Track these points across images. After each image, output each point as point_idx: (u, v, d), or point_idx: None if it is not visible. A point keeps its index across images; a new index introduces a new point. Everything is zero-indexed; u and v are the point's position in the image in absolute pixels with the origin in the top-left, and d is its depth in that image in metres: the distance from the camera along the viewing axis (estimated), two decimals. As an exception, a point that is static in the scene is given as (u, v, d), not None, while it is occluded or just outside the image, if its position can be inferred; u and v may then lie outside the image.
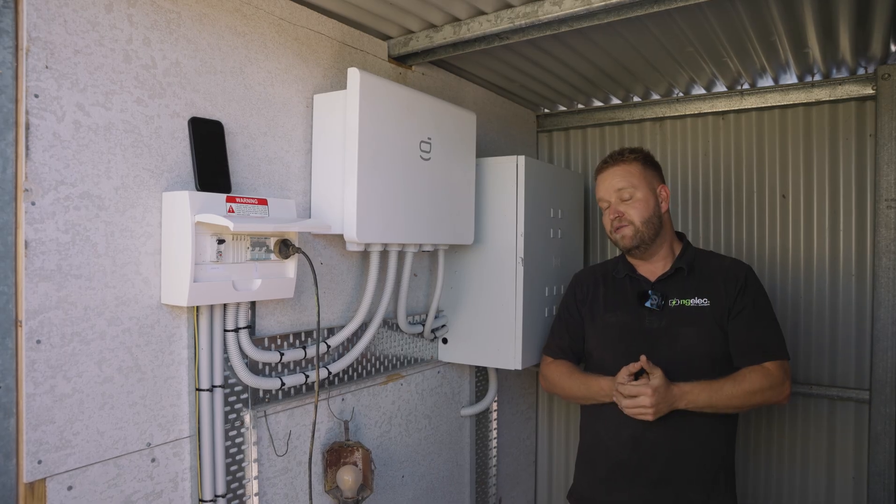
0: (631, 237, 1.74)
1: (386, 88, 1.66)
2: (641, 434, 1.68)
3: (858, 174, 2.34)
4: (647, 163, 1.79)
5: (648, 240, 1.74)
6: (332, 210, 1.64)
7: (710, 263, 1.79)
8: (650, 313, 1.73)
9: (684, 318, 1.70)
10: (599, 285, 1.88)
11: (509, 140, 2.75)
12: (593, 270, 1.97)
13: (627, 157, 1.78)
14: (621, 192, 1.75)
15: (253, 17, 1.55)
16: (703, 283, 1.74)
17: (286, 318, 1.64)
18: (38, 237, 1.14)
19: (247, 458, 1.54)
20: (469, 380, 2.44)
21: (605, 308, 1.83)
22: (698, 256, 1.81)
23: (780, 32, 1.93)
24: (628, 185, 1.74)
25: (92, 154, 1.22)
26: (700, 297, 1.71)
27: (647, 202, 1.74)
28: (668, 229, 1.81)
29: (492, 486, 2.57)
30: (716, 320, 1.69)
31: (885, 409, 2.21)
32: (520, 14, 1.70)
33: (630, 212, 1.74)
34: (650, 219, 1.74)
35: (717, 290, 1.71)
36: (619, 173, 1.77)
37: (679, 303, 1.72)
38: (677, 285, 1.75)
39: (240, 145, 1.52)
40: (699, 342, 1.68)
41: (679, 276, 1.76)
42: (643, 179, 1.76)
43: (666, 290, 1.75)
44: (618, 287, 1.84)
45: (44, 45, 1.14)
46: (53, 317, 1.17)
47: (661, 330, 1.71)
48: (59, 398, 1.18)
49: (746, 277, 1.73)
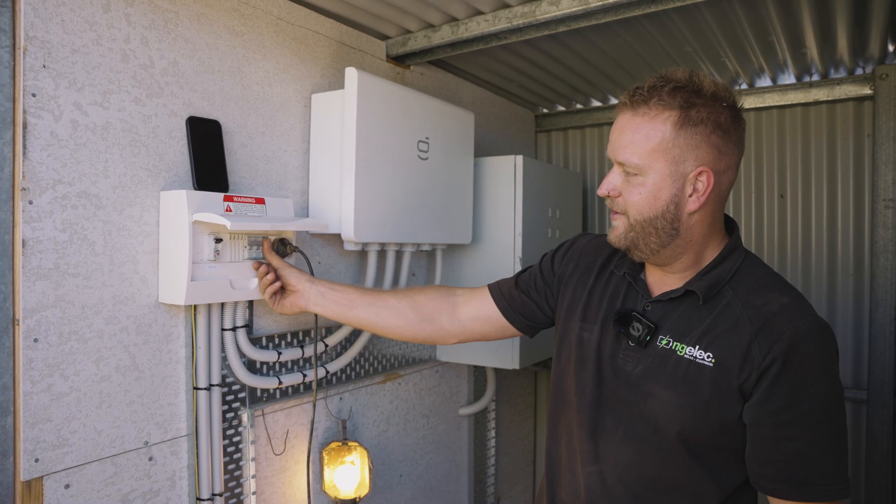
0: (619, 236, 1.10)
1: (384, 88, 1.67)
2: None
3: (856, 174, 2.34)
4: (686, 124, 1.00)
5: (648, 250, 1.08)
6: (329, 209, 1.65)
7: (750, 296, 1.04)
8: (628, 345, 1.11)
9: (668, 374, 1.05)
10: (592, 271, 1.25)
11: (508, 140, 2.75)
12: (598, 250, 1.28)
13: (661, 103, 1.01)
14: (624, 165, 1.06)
15: (251, 17, 1.55)
16: (720, 325, 1.03)
17: (284, 317, 1.65)
18: (36, 236, 1.15)
19: (244, 456, 1.54)
20: (467, 379, 2.44)
21: (584, 312, 1.21)
22: (739, 278, 1.07)
23: (777, 32, 1.93)
24: (634, 159, 1.03)
25: (89, 153, 1.23)
26: (705, 348, 1.03)
27: (658, 194, 1.03)
28: (695, 238, 1.07)
29: (490, 485, 2.57)
30: (717, 395, 1.01)
31: (882, 410, 2.22)
32: (517, 14, 1.70)
33: (628, 198, 1.06)
34: (654, 220, 1.04)
35: (736, 348, 1.00)
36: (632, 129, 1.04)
37: (672, 345, 1.06)
38: (681, 316, 1.08)
39: (237, 145, 1.52)
40: (674, 416, 1.03)
41: (688, 301, 1.08)
42: (667, 154, 1.01)
43: (662, 318, 1.09)
44: (608, 287, 1.21)
45: (41, 44, 1.15)
46: (51, 315, 1.17)
47: (633, 379, 1.09)
48: (56, 397, 1.18)
49: (794, 345, 0.97)
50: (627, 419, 1.10)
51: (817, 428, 0.97)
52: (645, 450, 1.08)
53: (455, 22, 1.82)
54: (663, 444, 1.06)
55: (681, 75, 1.03)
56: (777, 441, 0.98)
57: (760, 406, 0.98)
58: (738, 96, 1.06)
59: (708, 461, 1.05)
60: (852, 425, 2.35)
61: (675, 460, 1.05)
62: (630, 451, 1.09)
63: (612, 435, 1.11)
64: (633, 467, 1.09)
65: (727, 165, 1.05)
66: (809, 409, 0.97)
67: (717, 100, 1.02)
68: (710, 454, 1.05)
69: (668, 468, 1.06)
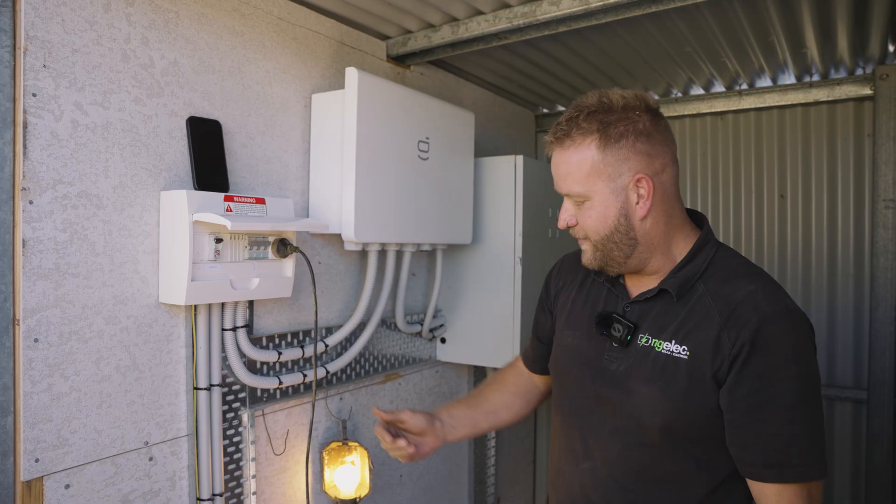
0: (591, 259, 1.15)
1: (384, 88, 1.67)
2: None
3: (856, 174, 2.34)
4: (609, 143, 1.05)
5: (618, 261, 1.13)
6: (330, 209, 1.65)
7: (720, 289, 1.08)
8: (611, 347, 1.15)
9: (648, 369, 1.09)
10: (577, 285, 1.30)
11: (508, 140, 2.75)
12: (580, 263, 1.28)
13: (582, 131, 1.07)
14: (569, 196, 1.13)
15: (251, 17, 1.55)
16: (693, 319, 1.07)
17: (284, 317, 1.65)
18: (36, 236, 1.15)
19: (244, 457, 1.54)
20: (467, 379, 2.44)
21: (570, 319, 1.26)
22: (710, 272, 1.11)
23: (778, 32, 1.93)
24: (577, 187, 1.09)
25: (90, 153, 1.23)
26: (680, 342, 1.06)
27: (606, 212, 1.08)
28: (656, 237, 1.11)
29: (490, 485, 2.57)
30: (692, 385, 1.05)
31: (883, 410, 2.22)
32: (518, 14, 1.70)
33: (584, 222, 1.12)
34: (611, 236, 1.10)
35: (708, 338, 1.04)
36: (565, 161, 1.10)
37: (650, 342, 1.10)
38: (657, 314, 1.12)
39: (238, 145, 1.52)
40: (655, 409, 1.07)
41: (663, 299, 1.12)
42: (602, 174, 1.07)
43: (642, 317, 1.13)
44: (591, 294, 1.25)
45: (41, 44, 1.15)
46: (51, 315, 1.17)
47: (616, 377, 1.13)
48: (56, 397, 1.18)
49: (760, 329, 1.00)
50: (612, 416, 1.14)
51: (789, 411, 0.99)
52: (631, 444, 1.11)
53: (455, 22, 1.82)
54: (647, 437, 1.09)
55: (591, 100, 1.10)
56: (751, 424, 1.01)
57: (733, 391, 1.01)
58: (649, 99, 1.10)
59: (694, 452, 1.08)
60: (853, 425, 2.35)
61: (660, 453, 1.09)
62: (617, 447, 1.13)
63: (599, 432, 1.16)
64: (620, 462, 1.13)
65: (662, 165, 1.09)
66: (780, 392, 0.99)
67: (629, 110, 1.07)
68: (695, 445, 1.07)
69: (655, 461, 1.10)
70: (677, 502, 1.10)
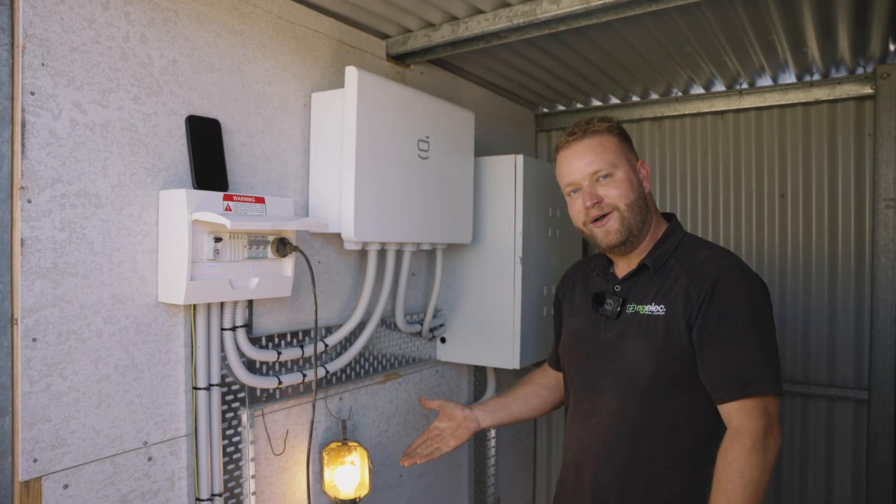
0: (618, 230, 1.37)
1: (384, 87, 1.66)
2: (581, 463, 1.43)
3: (857, 174, 2.34)
4: (622, 135, 1.44)
5: (637, 229, 1.38)
6: (329, 209, 1.64)
7: (688, 258, 1.37)
8: (606, 321, 1.42)
9: (634, 329, 1.36)
10: (578, 282, 1.59)
11: (508, 139, 2.75)
12: (579, 267, 1.67)
13: (598, 127, 1.40)
14: (598, 172, 1.37)
15: (251, 16, 1.54)
16: (666, 283, 1.36)
17: (284, 316, 1.64)
18: (34, 235, 1.14)
19: (244, 457, 1.53)
20: (467, 379, 2.44)
21: (574, 310, 1.55)
22: (680, 249, 1.40)
23: (778, 31, 1.93)
24: (606, 164, 1.36)
25: (88, 152, 1.22)
26: (658, 302, 1.34)
27: (630, 181, 1.38)
28: (653, 214, 1.45)
29: (490, 486, 2.57)
30: (671, 334, 1.30)
31: (883, 409, 2.21)
32: (518, 13, 1.70)
33: (611, 193, 1.36)
34: (636, 202, 1.37)
35: (679, 295, 1.32)
36: (591, 148, 1.38)
37: (635, 309, 1.37)
38: (639, 286, 1.40)
39: (237, 144, 1.52)
40: (644, 362, 1.32)
41: (643, 275, 1.40)
42: (621, 154, 1.39)
43: (628, 292, 1.41)
44: (588, 286, 1.53)
45: (40, 42, 1.14)
46: (49, 315, 1.17)
47: (611, 341, 1.39)
48: (54, 396, 1.18)
49: (722, 275, 1.29)
50: (611, 375, 1.38)
51: (747, 339, 1.25)
52: (626, 395, 1.35)
53: (455, 21, 1.82)
54: (640, 387, 1.33)
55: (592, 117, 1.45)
56: (716, 354, 1.26)
57: (701, 330, 1.28)
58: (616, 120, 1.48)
59: (678, 396, 1.31)
60: (854, 425, 2.35)
61: (650, 400, 1.32)
62: (615, 399, 1.37)
63: (602, 391, 1.39)
64: (619, 414, 1.36)
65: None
66: (737, 325, 1.25)
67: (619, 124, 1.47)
68: (678, 388, 1.31)
69: (646, 408, 1.33)
70: (666, 447, 1.32)
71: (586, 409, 1.42)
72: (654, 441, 1.32)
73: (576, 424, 1.45)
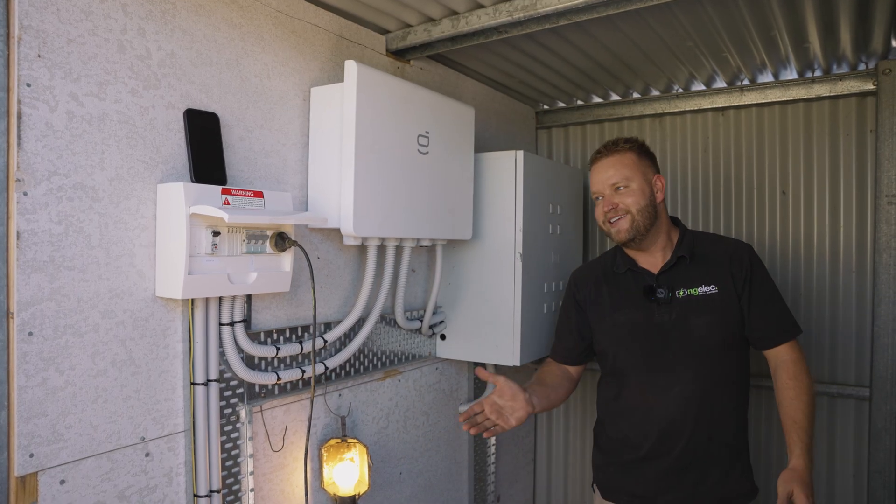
0: (627, 229, 1.69)
1: (383, 81, 1.65)
2: (665, 429, 1.69)
3: (859, 170, 2.33)
4: (641, 152, 1.75)
5: (644, 230, 1.69)
6: (328, 203, 1.63)
7: (712, 248, 1.74)
8: (659, 307, 1.69)
9: (695, 309, 1.67)
10: (601, 283, 1.82)
11: (508, 136, 2.74)
12: (591, 268, 1.91)
13: (621, 147, 1.74)
14: (615, 184, 1.70)
15: (249, 9, 1.53)
16: (708, 269, 1.70)
17: (282, 312, 1.63)
18: (31, 228, 1.13)
19: (242, 453, 1.52)
20: (467, 376, 2.43)
21: (612, 306, 1.77)
22: (697, 241, 1.76)
23: (780, 27, 1.92)
24: (622, 178, 1.70)
25: (85, 144, 1.21)
26: (707, 284, 1.68)
27: (643, 191, 1.69)
28: (664, 219, 1.76)
29: (490, 483, 2.56)
30: (727, 306, 1.67)
31: (885, 407, 2.20)
32: (518, 7, 1.69)
33: (625, 201, 1.69)
34: (645, 208, 1.69)
35: (724, 275, 1.68)
36: (612, 164, 1.72)
37: (687, 293, 1.68)
38: (682, 274, 1.71)
39: (236, 138, 1.51)
40: (713, 332, 1.66)
41: (682, 265, 1.72)
42: (637, 169, 1.71)
43: (672, 281, 1.70)
44: (621, 283, 1.78)
45: (36, 33, 1.13)
46: (46, 309, 1.16)
47: (671, 323, 1.68)
48: (51, 391, 1.17)
49: (751, 259, 1.71)
50: (682, 350, 1.67)
51: (778, 300, 1.72)
52: (702, 362, 1.66)
53: (455, 16, 1.81)
54: (712, 354, 1.66)
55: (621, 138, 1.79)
56: (763, 312, 1.68)
57: (750, 297, 1.68)
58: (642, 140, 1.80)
59: (735, 353, 1.70)
60: (855, 422, 2.34)
61: (718, 362, 1.67)
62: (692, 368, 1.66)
63: (672, 365, 1.67)
64: (696, 377, 1.65)
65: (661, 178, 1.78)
66: (772, 290, 1.71)
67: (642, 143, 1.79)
68: (735, 350, 1.70)
69: (717, 369, 1.67)
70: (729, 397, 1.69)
71: (661, 384, 1.67)
72: (723, 394, 1.67)
73: (651, 397, 1.69)
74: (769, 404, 2.48)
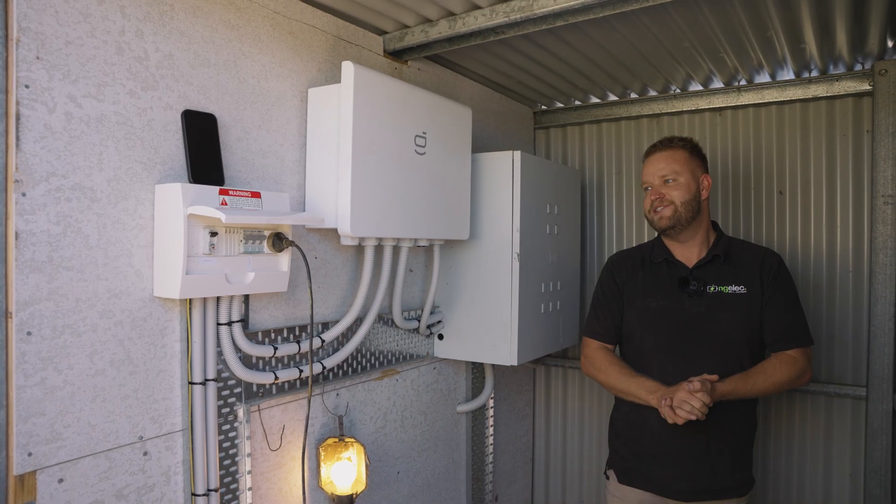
0: (669, 217, 1.80)
1: (380, 82, 1.66)
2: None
3: (855, 170, 2.33)
4: (693, 151, 1.85)
5: (685, 221, 1.79)
6: (326, 204, 1.64)
7: (745, 252, 1.86)
8: (689, 298, 1.79)
9: (723, 305, 1.77)
10: (638, 269, 1.92)
11: (506, 137, 2.74)
12: (630, 254, 2.00)
13: (675, 144, 1.85)
14: (665, 177, 1.81)
15: (247, 10, 1.54)
16: (739, 270, 1.80)
17: (280, 312, 1.64)
18: (29, 228, 1.14)
19: (240, 452, 1.53)
20: (465, 376, 2.43)
21: (645, 292, 1.87)
22: (732, 245, 1.87)
23: (776, 28, 1.92)
24: (671, 171, 1.80)
25: (84, 146, 1.22)
26: (737, 284, 1.78)
27: (689, 186, 1.80)
28: (705, 217, 1.86)
29: (488, 483, 2.56)
30: (751, 307, 1.76)
31: (881, 406, 2.21)
32: (515, 8, 1.70)
33: (671, 193, 1.80)
34: (689, 202, 1.79)
35: (753, 278, 1.78)
36: (664, 158, 1.83)
37: (717, 289, 1.78)
38: (715, 272, 1.81)
39: (233, 139, 1.51)
40: (737, 329, 1.75)
41: (716, 263, 1.82)
42: (687, 166, 1.81)
43: (704, 276, 1.80)
44: (656, 271, 1.89)
45: (34, 35, 1.14)
46: (44, 308, 1.16)
47: (700, 315, 1.77)
48: (49, 390, 1.18)
49: (779, 267, 1.81)
50: (708, 340, 1.76)
51: (794, 306, 1.80)
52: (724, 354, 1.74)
53: (452, 16, 1.82)
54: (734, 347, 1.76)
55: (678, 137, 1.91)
56: (780, 317, 1.77)
57: (769, 301, 1.78)
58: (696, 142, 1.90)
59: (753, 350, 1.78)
60: (852, 422, 2.35)
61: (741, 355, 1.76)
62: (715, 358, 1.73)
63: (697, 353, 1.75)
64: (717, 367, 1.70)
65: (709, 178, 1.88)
66: (791, 297, 1.80)
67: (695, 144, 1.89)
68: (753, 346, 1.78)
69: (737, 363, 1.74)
70: None
71: (684, 370, 1.71)
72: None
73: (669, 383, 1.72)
74: (765, 402, 2.48)
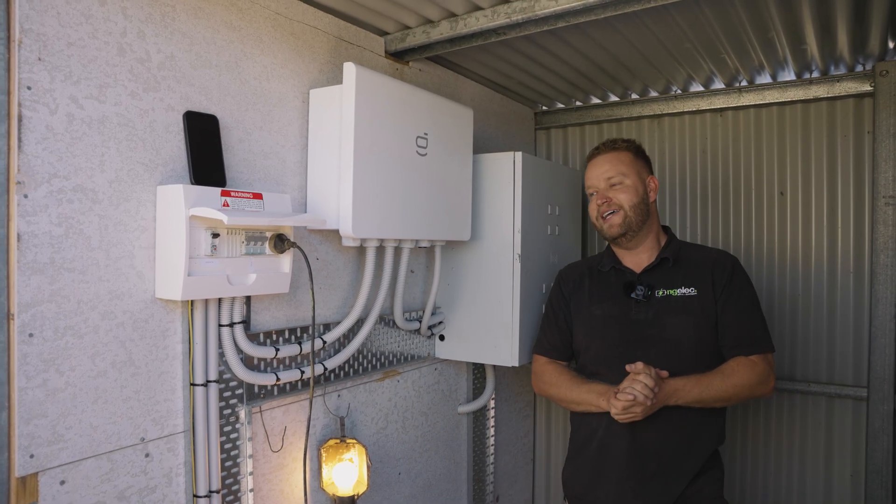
0: (619, 224, 1.74)
1: (382, 83, 1.66)
2: (635, 429, 1.65)
3: (856, 171, 2.33)
4: (637, 153, 1.81)
5: (636, 226, 1.74)
6: (327, 205, 1.64)
7: (697, 254, 1.80)
8: (637, 304, 1.72)
9: (672, 309, 1.70)
10: (585, 279, 1.87)
11: (507, 137, 2.74)
12: (578, 266, 1.97)
13: (619, 146, 1.80)
14: (610, 179, 1.76)
15: (248, 12, 1.54)
16: (689, 272, 1.74)
17: (281, 313, 1.64)
18: (31, 230, 1.14)
19: (241, 453, 1.53)
20: (466, 377, 2.43)
21: (591, 300, 1.82)
22: (684, 248, 1.81)
23: (777, 28, 1.93)
24: (617, 173, 1.75)
25: (85, 147, 1.22)
26: (687, 286, 1.71)
27: (637, 189, 1.75)
28: (654, 220, 1.81)
29: (489, 483, 2.56)
30: (703, 309, 1.69)
31: (882, 407, 2.21)
32: (516, 9, 1.70)
33: (619, 196, 1.74)
34: (638, 205, 1.74)
35: (705, 280, 1.71)
36: (609, 160, 1.78)
37: (666, 293, 1.72)
38: (663, 276, 1.75)
39: (235, 140, 1.51)
40: (687, 332, 1.68)
41: (664, 266, 1.76)
42: (632, 167, 1.77)
43: (652, 281, 1.74)
44: (603, 280, 1.83)
45: (36, 36, 1.14)
46: (46, 310, 1.16)
47: (647, 321, 1.71)
48: (51, 392, 1.18)
49: (734, 268, 1.74)
50: (654, 346, 1.67)
51: (753, 310, 1.72)
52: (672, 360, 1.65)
53: (454, 17, 1.82)
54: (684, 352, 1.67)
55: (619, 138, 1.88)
56: (738, 320, 1.69)
57: (725, 304, 1.70)
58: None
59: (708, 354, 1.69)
60: (853, 423, 2.35)
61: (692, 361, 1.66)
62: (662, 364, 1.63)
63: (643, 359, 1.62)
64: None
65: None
66: (748, 299, 1.72)
67: (639, 145, 1.86)
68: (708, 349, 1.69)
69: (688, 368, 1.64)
70: None
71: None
72: None
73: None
74: (765, 403, 2.48)
